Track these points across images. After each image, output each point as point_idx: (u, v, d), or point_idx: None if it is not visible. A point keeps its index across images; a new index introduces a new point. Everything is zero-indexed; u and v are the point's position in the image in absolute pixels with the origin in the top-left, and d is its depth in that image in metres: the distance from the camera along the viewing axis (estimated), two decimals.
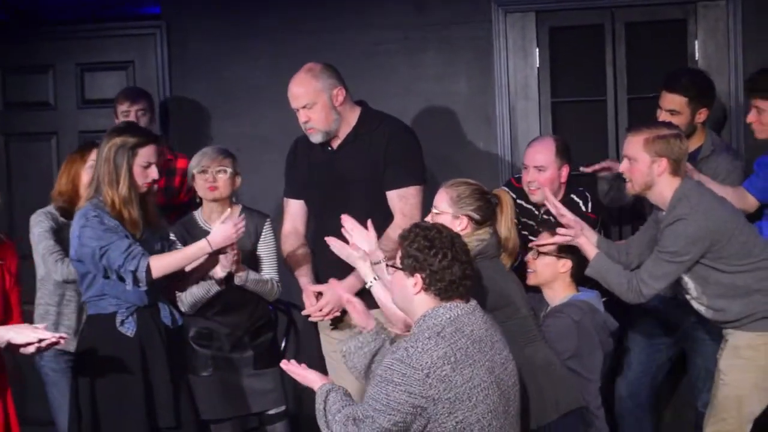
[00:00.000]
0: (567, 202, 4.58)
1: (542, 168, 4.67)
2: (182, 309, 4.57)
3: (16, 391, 5.93)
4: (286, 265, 4.61)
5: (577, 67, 5.51)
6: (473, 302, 3.33)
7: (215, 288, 4.56)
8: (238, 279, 4.57)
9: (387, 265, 3.47)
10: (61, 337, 3.66)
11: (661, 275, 4.00)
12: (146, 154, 4.14)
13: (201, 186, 4.61)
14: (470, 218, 3.83)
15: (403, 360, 3.13)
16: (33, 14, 5.88)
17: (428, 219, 3.87)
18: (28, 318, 4.22)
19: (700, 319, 4.33)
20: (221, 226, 4.16)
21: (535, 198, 4.70)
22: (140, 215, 4.14)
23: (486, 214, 3.85)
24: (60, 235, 4.56)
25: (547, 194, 4.32)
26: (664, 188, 4.02)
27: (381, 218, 4.30)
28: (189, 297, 4.55)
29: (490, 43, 5.50)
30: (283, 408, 4.72)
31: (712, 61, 5.28)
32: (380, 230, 4.27)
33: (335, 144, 4.43)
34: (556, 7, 5.46)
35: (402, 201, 4.33)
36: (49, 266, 4.56)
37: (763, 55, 5.22)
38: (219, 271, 4.52)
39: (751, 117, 4.51)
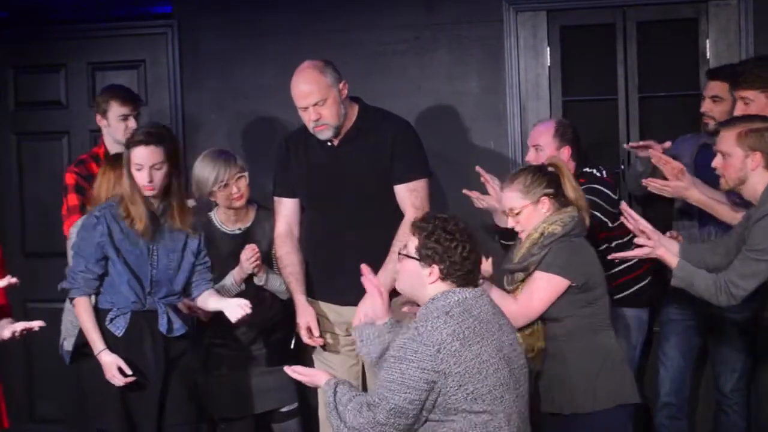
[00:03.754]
0: (579, 176, 4.68)
1: (540, 147, 4.76)
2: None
3: (25, 390, 6.00)
4: (277, 267, 4.57)
5: (588, 66, 5.50)
6: (480, 288, 3.43)
7: (235, 289, 4.57)
8: (258, 280, 4.59)
9: (400, 254, 3.50)
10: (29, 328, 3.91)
11: (750, 274, 3.85)
12: (135, 156, 4.15)
13: (224, 199, 4.59)
14: (548, 196, 3.89)
15: (415, 338, 3.23)
16: (44, 14, 5.89)
17: (510, 222, 3.96)
18: (38, 315, 4.24)
19: (729, 307, 4.31)
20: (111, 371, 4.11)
21: None
22: (146, 215, 4.16)
23: (556, 184, 3.92)
24: None
25: (626, 208, 4.18)
26: (757, 183, 3.90)
27: (384, 212, 4.32)
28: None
29: (501, 43, 5.49)
30: (295, 405, 4.73)
31: (723, 60, 5.25)
32: (383, 224, 4.31)
33: (336, 140, 4.39)
34: (567, 6, 5.45)
35: (413, 194, 4.34)
36: None
37: None
38: (239, 273, 4.54)
39: (739, 110, 4.40)
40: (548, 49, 5.48)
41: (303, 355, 4.73)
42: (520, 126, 5.48)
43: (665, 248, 4.03)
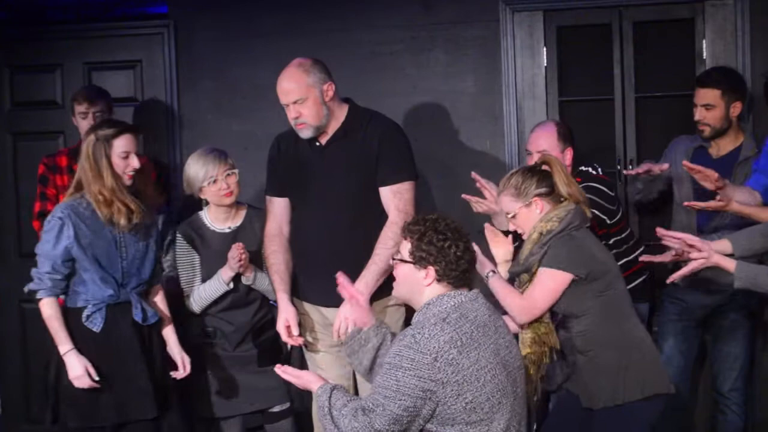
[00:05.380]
0: (575, 175, 4.68)
1: (545, 152, 4.68)
2: (191, 308, 4.59)
3: (21, 390, 5.99)
4: (266, 266, 4.56)
5: (584, 66, 5.50)
6: (476, 290, 3.41)
7: (223, 288, 4.56)
8: (246, 279, 4.58)
9: (394, 259, 3.48)
10: None
11: None
12: (122, 144, 4.20)
13: (214, 195, 4.59)
14: (540, 196, 3.91)
15: (411, 346, 3.21)
16: (41, 14, 5.88)
17: (510, 226, 4.00)
18: (34, 315, 4.28)
19: (727, 307, 4.41)
20: (76, 373, 4.17)
21: None
22: (136, 204, 4.22)
23: (548, 182, 3.94)
24: None
25: (664, 232, 4.01)
26: None
27: (370, 213, 4.32)
28: (197, 298, 4.58)
29: (498, 43, 5.49)
30: (287, 405, 4.72)
31: (719, 60, 5.25)
32: (368, 225, 4.31)
33: (323, 140, 4.40)
34: (563, 6, 5.44)
35: (397, 197, 4.33)
36: None
37: None
38: (227, 272, 4.53)
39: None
40: (545, 49, 5.47)
41: (299, 357, 4.74)
42: (516, 126, 5.47)
43: (718, 255, 3.83)
